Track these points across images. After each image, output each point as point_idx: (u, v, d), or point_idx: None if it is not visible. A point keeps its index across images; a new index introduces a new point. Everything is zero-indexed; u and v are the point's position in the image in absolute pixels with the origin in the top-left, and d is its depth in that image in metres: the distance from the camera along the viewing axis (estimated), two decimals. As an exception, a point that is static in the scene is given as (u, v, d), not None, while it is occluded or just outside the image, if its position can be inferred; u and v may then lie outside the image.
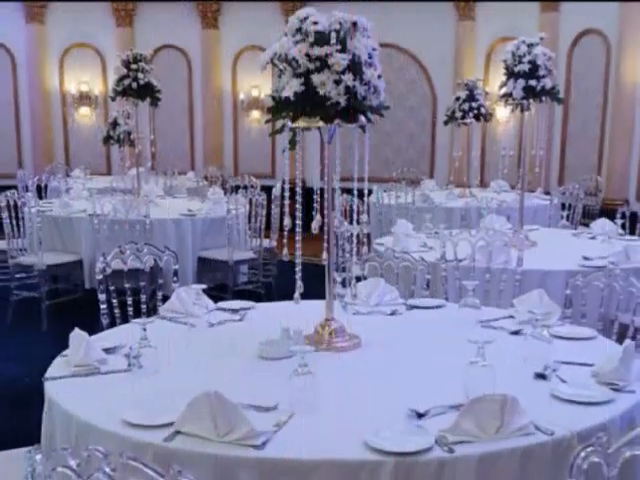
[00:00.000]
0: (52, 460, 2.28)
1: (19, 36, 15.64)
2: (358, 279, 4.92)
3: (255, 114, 15.76)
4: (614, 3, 12.36)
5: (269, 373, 3.61)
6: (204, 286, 4.77)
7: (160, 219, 8.97)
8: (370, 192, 8.24)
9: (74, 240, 9.00)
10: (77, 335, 3.75)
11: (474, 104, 10.93)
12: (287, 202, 3.96)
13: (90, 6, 15.23)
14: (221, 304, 4.83)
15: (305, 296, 3.99)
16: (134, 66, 9.25)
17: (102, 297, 4.83)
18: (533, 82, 6.79)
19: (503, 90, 6.99)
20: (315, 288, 4.15)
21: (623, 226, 8.04)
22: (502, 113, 12.86)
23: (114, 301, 4.94)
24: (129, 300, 4.95)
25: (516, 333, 4.17)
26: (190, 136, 16.21)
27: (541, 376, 3.50)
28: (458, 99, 11.04)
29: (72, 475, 2.26)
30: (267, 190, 9.79)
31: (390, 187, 10.54)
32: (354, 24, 3.63)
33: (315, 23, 3.60)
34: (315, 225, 3.85)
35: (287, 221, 3.92)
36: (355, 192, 3.91)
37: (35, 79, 15.76)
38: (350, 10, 3.69)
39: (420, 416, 3.00)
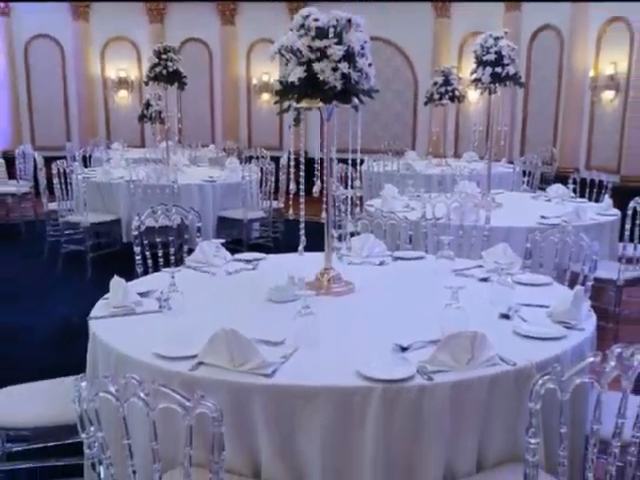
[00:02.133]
0: (95, 386, 2.29)
1: (67, 31, 15.58)
2: (352, 234, 4.90)
3: (265, 96, 15.66)
4: (566, 3, 12.29)
5: (277, 314, 3.59)
6: (223, 240, 4.76)
7: (186, 184, 8.94)
8: (362, 161, 8.26)
9: (114, 202, 8.98)
10: (116, 281, 3.73)
11: (449, 88, 10.94)
12: (292, 170, 3.93)
13: (127, 5, 15.16)
14: (237, 256, 4.80)
15: (307, 249, 3.98)
16: (164, 56, 9.19)
17: (137, 250, 4.81)
18: (499, 69, 6.75)
19: (474, 76, 6.96)
20: (316, 242, 4.12)
21: (574, 190, 8.09)
22: (473, 95, 12.82)
23: (147, 253, 4.93)
24: (160, 252, 4.92)
25: (484, 280, 4.14)
26: (211, 114, 16.14)
27: (505, 316, 3.48)
28: (436, 84, 11.03)
29: (112, 399, 2.26)
30: (275, 160, 9.76)
31: (379, 157, 10.61)
32: (349, 21, 3.58)
33: (316, 20, 3.54)
34: (316, 189, 3.84)
35: (292, 186, 3.90)
36: (349, 161, 3.89)
37: (81, 67, 15.68)
38: (347, 9, 3.65)
39: (404, 349, 2.98)
